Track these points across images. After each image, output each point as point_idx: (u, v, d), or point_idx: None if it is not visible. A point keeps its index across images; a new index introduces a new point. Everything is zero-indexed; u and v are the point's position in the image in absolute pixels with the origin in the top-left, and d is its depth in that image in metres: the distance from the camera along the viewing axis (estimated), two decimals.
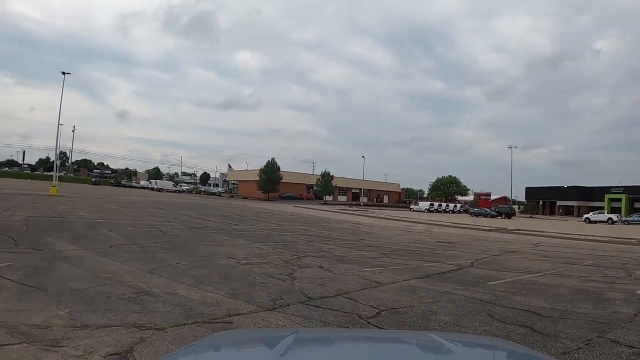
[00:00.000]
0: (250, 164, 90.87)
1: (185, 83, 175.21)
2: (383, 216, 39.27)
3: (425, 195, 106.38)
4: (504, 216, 52.54)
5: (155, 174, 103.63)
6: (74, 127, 74.43)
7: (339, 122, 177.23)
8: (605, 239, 22.51)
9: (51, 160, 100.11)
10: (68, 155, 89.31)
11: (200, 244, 11.57)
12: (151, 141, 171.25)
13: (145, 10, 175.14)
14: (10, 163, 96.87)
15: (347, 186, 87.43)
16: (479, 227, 30.18)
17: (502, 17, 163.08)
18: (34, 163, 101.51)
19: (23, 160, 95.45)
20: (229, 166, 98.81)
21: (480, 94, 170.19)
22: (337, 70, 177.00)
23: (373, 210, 51.55)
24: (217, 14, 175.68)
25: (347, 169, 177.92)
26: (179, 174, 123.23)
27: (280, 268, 8.61)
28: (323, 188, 72.15)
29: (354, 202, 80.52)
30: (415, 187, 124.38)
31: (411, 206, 69.17)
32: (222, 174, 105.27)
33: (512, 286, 8.09)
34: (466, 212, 61.44)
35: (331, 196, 75.73)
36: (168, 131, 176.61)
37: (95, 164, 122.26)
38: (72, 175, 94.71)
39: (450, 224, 32.90)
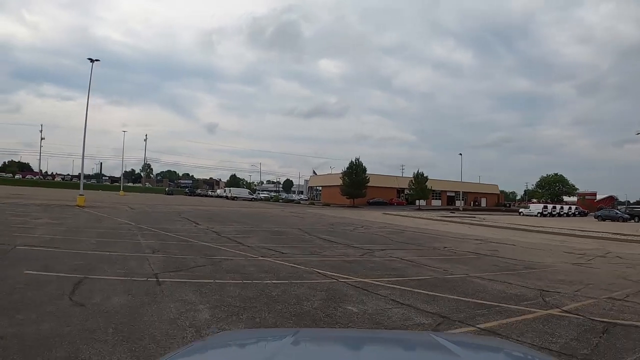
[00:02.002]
0: (335, 168, 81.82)
1: (270, 94, 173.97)
2: (501, 224, 28.00)
3: (517, 198, 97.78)
4: (637, 219, 42.60)
5: (233, 182, 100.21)
6: (145, 136, 72.57)
7: (425, 125, 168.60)
8: None
9: (136, 172, 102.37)
10: (151, 166, 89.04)
11: None
12: (239, 152, 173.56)
13: (228, 25, 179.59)
14: (97, 176, 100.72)
15: (441, 189, 75.28)
16: None
17: (584, 7, 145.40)
18: (118, 175, 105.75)
19: (100, 172, 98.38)
20: (314, 172, 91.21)
21: (569, 89, 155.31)
22: (420, 74, 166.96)
23: (482, 217, 39.63)
24: (300, 24, 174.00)
25: (436, 172, 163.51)
26: (264, 182, 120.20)
27: None
28: (417, 191, 60.94)
29: (451, 207, 68.97)
30: (507, 189, 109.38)
31: (520, 210, 56.51)
32: (306, 181, 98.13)
33: None
34: (582, 215, 52.96)
35: (424, 200, 64.05)
36: (256, 141, 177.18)
37: (181, 175, 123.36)
38: (149, 185, 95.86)
39: (608, 234, 21.47)
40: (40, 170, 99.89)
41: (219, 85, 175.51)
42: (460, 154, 70.00)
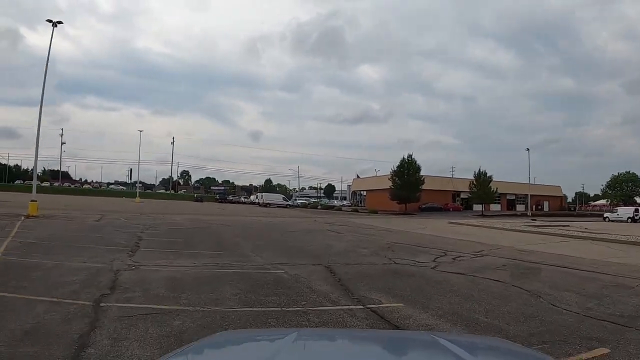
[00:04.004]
0: (380, 171, 71.84)
1: (314, 100, 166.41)
2: (624, 238, 17.82)
3: (568, 201, 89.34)
4: None
5: (267, 187, 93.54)
6: (172, 138, 67.45)
7: (468, 129, 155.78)
8: None
9: (174, 179, 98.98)
10: (189, 173, 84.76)
11: None
12: (283, 158, 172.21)
13: (273, 32, 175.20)
14: (131, 184, 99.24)
15: (501, 191, 63.63)
16: None
17: (624, 1, 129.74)
18: (156, 183, 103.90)
19: (130, 179, 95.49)
20: (357, 176, 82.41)
21: (616, 87, 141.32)
22: (461, 76, 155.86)
23: (578, 224, 28.49)
24: (344, 29, 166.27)
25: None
26: (305, 188, 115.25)
27: None
28: (479, 195, 50.23)
29: (518, 212, 59.05)
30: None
31: (605, 215, 46.69)
32: (349, 186, 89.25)
33: None
34: None
35: (482, 205, 52.82)
36: (300, 147, 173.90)
37: (221, 182, 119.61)
38: (184, 192, 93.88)
39: None
40: (80, 178, 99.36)
41: (262, 93, 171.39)
42: (528, 149, 59.63)
